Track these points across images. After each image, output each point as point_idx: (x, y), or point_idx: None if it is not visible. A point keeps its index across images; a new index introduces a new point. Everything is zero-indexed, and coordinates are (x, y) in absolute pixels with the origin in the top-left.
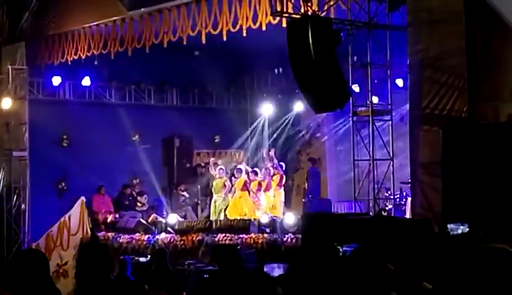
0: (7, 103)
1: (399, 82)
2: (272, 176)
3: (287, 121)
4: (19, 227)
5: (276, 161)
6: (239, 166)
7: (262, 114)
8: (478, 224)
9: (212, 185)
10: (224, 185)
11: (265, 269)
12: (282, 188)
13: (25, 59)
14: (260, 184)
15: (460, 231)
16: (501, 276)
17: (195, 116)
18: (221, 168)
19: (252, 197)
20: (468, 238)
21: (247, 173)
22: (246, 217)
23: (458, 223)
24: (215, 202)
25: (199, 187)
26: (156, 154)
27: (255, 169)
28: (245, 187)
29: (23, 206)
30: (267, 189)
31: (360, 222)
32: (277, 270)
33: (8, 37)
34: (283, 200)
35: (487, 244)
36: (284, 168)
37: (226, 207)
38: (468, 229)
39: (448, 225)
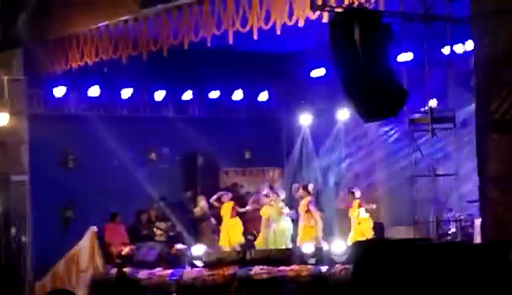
0: (4, 119)
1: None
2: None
3: (328, 133)
4: (19, 264)
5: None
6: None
7: (300, 125)
8: None
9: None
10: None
11: None
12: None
13: (22, 68)
14: None
15: None
16: None
17: (221, 129)
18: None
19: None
20: None
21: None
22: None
23: None
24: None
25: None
26: (176, 174)
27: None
28: None
29: (23, 238)
30: None
31: (424, 250)
32: None
33: (3, 43)
34: (321, 224)
35: None
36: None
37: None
38: None
39: None
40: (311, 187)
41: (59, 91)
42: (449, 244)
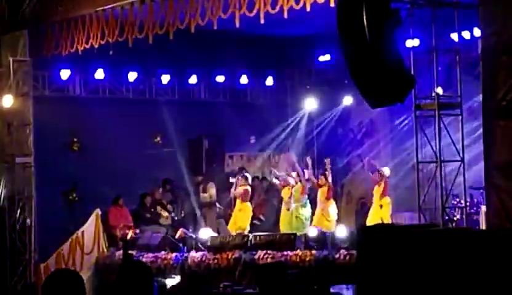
0: (8, 101)
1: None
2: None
3: (332, 117)
4: (24, 245)
5: (309, 170)
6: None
7: (305, 110)
8: None
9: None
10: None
11: (332, 291)
12: (332, 199)
13: (28, 49)
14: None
15: None
16: None
17: (226, 113)
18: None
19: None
20: None
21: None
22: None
23: None
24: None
25: (232, 196)
26: (181, 158)
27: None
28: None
29: (28, 220)
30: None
31: (429, 236)
32: (346, 293)
33: (8, 24)
34: (336, 211)
35: None
36: (330, 176)
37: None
38: None
39: None
40: (330, 175)
41: (64, 74)
42: (454, 231)
